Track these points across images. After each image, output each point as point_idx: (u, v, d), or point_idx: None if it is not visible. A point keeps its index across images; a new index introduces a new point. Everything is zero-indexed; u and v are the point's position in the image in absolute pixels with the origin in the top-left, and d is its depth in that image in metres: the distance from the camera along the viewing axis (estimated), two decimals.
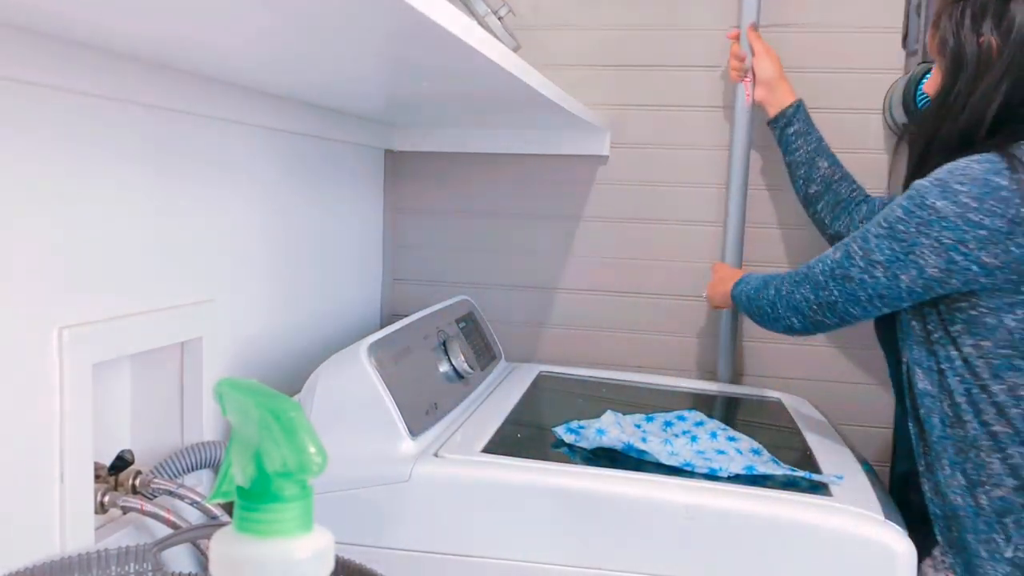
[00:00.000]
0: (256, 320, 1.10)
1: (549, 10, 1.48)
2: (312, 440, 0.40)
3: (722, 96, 1.44)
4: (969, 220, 0.88)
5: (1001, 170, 0.89)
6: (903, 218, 0.93)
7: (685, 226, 1.47)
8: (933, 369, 0.98)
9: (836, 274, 1.00)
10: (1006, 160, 0.89)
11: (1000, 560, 0.92)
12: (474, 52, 0.70)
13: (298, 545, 0.42)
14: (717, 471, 0.92)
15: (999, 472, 0.93)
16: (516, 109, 1.17)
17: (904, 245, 0.93)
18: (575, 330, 1.53)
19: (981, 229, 0.88)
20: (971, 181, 0.89)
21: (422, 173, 1.56)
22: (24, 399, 0.71)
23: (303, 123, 1.18)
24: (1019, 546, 0.91)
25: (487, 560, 0.89)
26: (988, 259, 0.89)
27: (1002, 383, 0.92)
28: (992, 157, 0.90)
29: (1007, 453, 0.92)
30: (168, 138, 0.89)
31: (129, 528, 0.84)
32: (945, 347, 0.96)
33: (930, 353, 0.98)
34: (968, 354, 0.94)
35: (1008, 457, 0.92)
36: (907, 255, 0.93)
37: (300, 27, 0.64)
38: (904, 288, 0.94)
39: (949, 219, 0.89)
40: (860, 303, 0.99)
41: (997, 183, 0.88)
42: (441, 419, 1.03)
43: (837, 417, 1.41)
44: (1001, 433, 0.92)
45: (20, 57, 0.67)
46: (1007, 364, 0.92)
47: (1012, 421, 0.92)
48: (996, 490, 0.93)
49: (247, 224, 1.07)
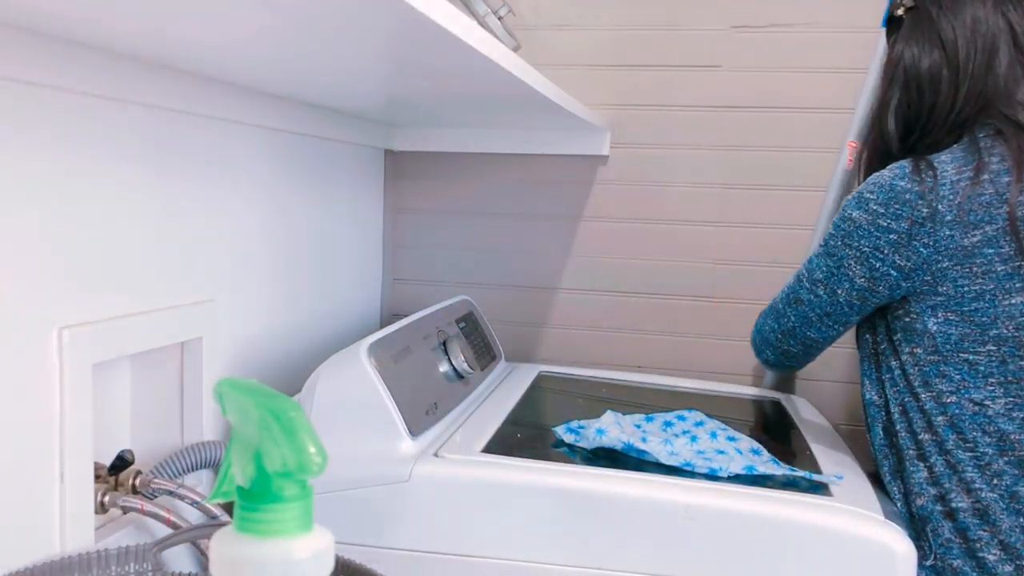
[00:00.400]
0: (256, 320, 1.10)
1: (549, 10, 1.48)
2: (312, 440, 0.40)
3: (722, 96, 1.44)
4: (879, 226, 0.93)
5: (906, 174, 0.92)
6: (833, 234, 0.99)
7: (685, 226, 1.47)
8: (876, 379, 1.00)
9: (790, 299, 1.06)
10: (912, 163, 0.93)
11: (923, 568, 0.92)
12: (474, 52, 0.70)
13: (298, 545, 0.42)
14: (717, 471, 0.92)
15: (922, 480, 0.94)
16: (516, 109, 1.17)
17: (835, 260, 0.98)
18: (575, 330, 1.53)
19: (891, 233, 0.92)
20: (879, 188, 0.93)
21: (422, 173, 1.56)
22: (24, 399, 0.71)
23: (303, 123, 1.18)
24: (938, 555, 0.92)
25: (487, 560, 0.89)
26: (901, 262, 0.92)
27: (930, 391, 0.93)
28: (903, 163, 0.94)
29: (930, 462, 0.93)
30: (168, 138, 0.89)
31: (129, 528, 0.84)
32: (887, 357, 0.98)
33: (876, 364, 1.01)
34: (905, 361, 0.96)
35: (932, 466, 0.93)
36: (838, 268, 0.98)
37: (300, 27, 0.64)
38: (843, 302, 0.99)
39: (864, 227, 0.94)
40: (813, 324, 1.04)
41: (901, 187, 0.92)
42: (441, 419, 1.03)
43: (837, 417, 1.41)
44: (926, 441, 0.93)
45: (20, 57, 0.67)
46: (935, 371, 0.93)
47: (936, 429, 0.92)
48: (919, 498, 0.94)
49: (247, 224, 1.07)
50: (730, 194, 1.45)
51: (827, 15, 1.39)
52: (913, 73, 0.98)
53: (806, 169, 1.42)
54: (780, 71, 1.41)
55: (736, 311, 1.46)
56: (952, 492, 0.91)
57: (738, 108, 1.43)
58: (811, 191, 1.42)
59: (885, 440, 0.99)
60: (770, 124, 1.42)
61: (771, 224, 1.44)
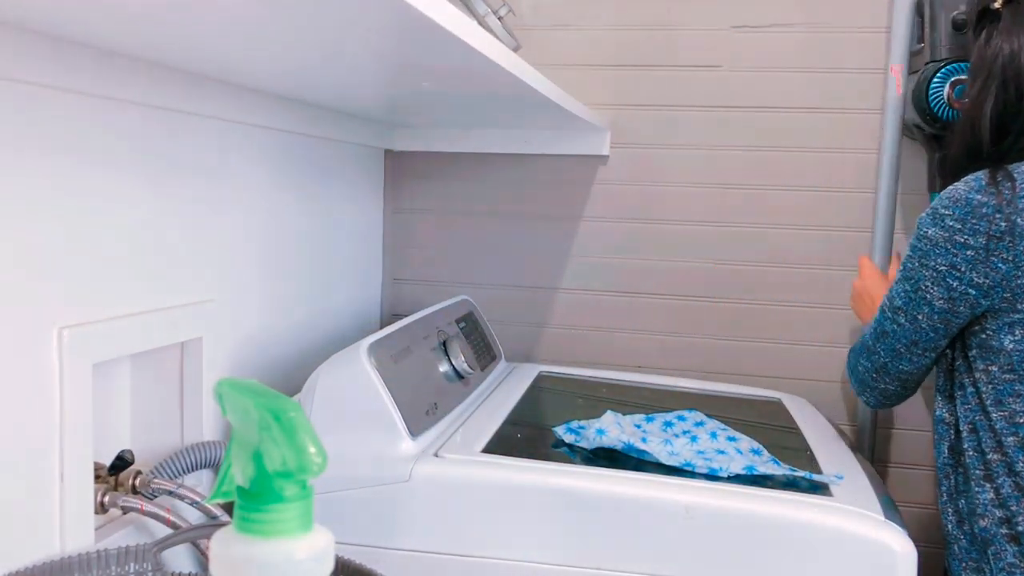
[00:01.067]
0: (256, 320, 1.10)
1: (549, 10, 1.48)
2: (312, 440, 0.40)
3: (722, 96, 1.44)
4: (956, 242, 0.89)
5: (983, 186, 0.88)
6: (910, 255, 0.94)
7: (685, 226, 1.47)
8: (948, 396, 0.97)
9: (877, 332, 1.01)
10: (988, 174, 0.89)
11: None
12: (474, 52, 0.70)
13: (298, 545, 0.42)
14: (717, 471, 0.92)
15: (987, 502, 0.91)
16: (516, 109, 1.17)
17: (913, 283, 0.94)
18: (575, 330, 1.53)
19: (967, 250, 0.88)
20: (954, 203, 0.89)
21: (422, 173, 1.56)
22: (24, 399, 0.71)
23: (303, 123, 1.18)
24: None
25: (487, 560, 0.89)
26: (980, 279, 0.88)
27: (1003, 410, 0.90)
28: (979, 175, 0.90)
29: (997, 483, 0.91)
30: (168, 138, 0.89)
31: (129, 528, 0.84)
32: (961, 374, 0.95)
33: (950, 380, 0.97)
34: (978, 379, 0.92)
35: (999, 488, 0.91)
36: (916, 292, 0.93)
37: (299, 27, 0.64)
38: (926, 327, 0.94)
39: (940, 245, 0.90)
40: (903, 356, 0.98)
41: (978, 200, 0.88)
42: (441, 419, 1.03)
43: (837, 417, 1.41)
44: (995, 462, 0.91)
45: (20, 57, 0.67)
46: (1009, 389, 0.90)
47: (1006, 450, 0.90)
48: (982, 520, 0.91)
49: (247, 224, 1.07)
50: (730, 194, 1.45)
51: (827, 15, 1.39)
52: (1014, 70, 0.91)
53: (806, 169, 1.42)
54: (780, 71, 1.41)
55: (736, 311, 1.46)
56: (1019, 515, 0.88)
57: (738, 108, 1.43)
58: (811, 191, 1.42)
59: (950, 459, 0.96)
60: (770, 124, 1.42)
61: (771, 224, 1.44)
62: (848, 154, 1.40)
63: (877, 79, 1.38)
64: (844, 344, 1.43)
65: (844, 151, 1.39)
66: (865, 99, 1.39)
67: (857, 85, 1.39)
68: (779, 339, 1.45)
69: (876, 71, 1.38)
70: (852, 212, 1.41)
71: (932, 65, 1.22)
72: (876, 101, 1.39)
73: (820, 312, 1.44)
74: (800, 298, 1.44)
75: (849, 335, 1.42)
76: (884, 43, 1.37)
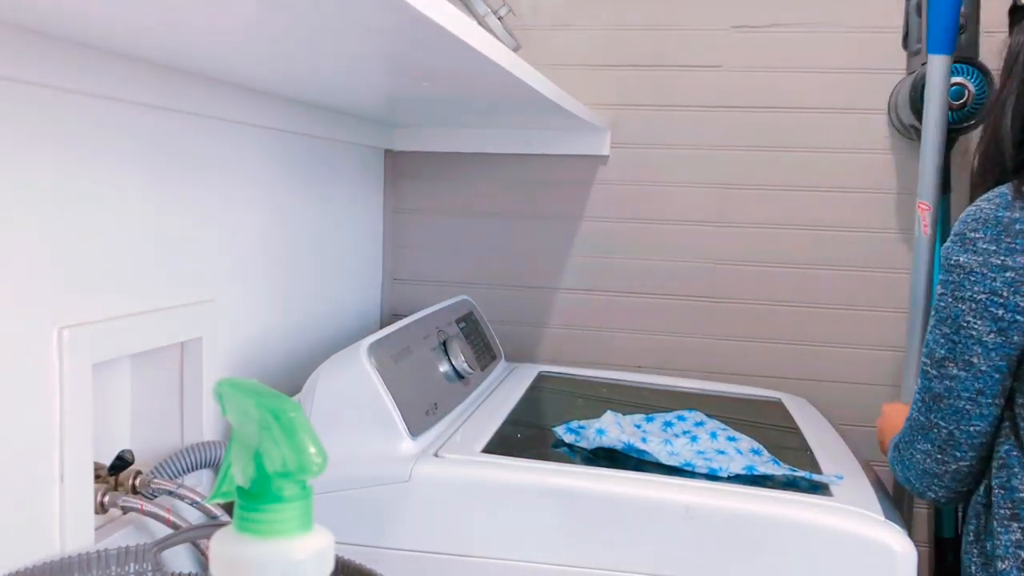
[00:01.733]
0: (256, 320, 1.10)
1: (549, 10, 1.48)
2: (312, 440, 0.40)
3: (722, 96, 1.44)
4: (992, 265, 0.80)
5: (1009, 202, 0.81)
6: (942, 292, 0.84)
7: (685, 226, 1.47)
8: None
9: (927, 403, 0.87)
10: (1013, 188, 0.82)
11: None
12: (474, 52, 0.70)
13: (298, 545, 0.42)
14: (717, 471, 0.92)
15: (1009, 543, 0.82)
16: (516, 109, 1.17)
17: (952, 324, 0.83)
18: (575, 330, 1.53)
19: (1007, 271, 0.79)
20: (982, 224, 0.81)
21: (422, 173, 1.56)
22: (24, 399, 0.71)
23: (303, 123, 1.18)
24: None
25: (487, 560, 0.89)
26: None
27: None
28: (1001, 190, 0.83)
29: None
30: (168, 138, 0.89)
31: (129, 528, 0.84)
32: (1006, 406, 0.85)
33: None
34: (1018, 413, 0.83)
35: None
36: (958, 333, 0.83)
37: (299, 27, 0.64)
38: (988, 369, 0.82)
39: (975, 271, 0.81)
40: (967, 414, 0.84)
41: (1008, 216, 0.80)
42: (441, 419, 1.03)
43: (837, 417, 1.41)
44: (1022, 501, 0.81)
45: (20, 57, 0.67)
46: None
47: None
48: (1002, 562, 0.82)
49: (247, 224, 1.07)
50: (730, 194, 1.45)
51: (827, 15, 1.39)
52: None
53: (806, 169, 1.42)
54: (780, 71, 1.41)
55: (736, 311, 1.46)
56: None
57: (738, 108, 1.43)
58: (811, 191, 1.42)
59: (983, 497, 0.86)
60: (770, 124, 1.42)
61: (771, 224, 1.44)
62: (848, 154, 1.40)
63: (877, 79, 1.38)
64: (844, 344, 1.43)
65: (844, 151, 1.39)
66: (865, 99, 1.39)
67: (857, 85, 1.39)
68: (779, 339, 1.45)
69: (876, 71, 1.38)
70: (852, 212, 1.41)
71: None
72: (876, 101, 1.39)
73: (820, 312, 1.44)
74: (800, 298, 1.44)
75: (849, 335, 1.42)
76: (884, 43, 1.37)
